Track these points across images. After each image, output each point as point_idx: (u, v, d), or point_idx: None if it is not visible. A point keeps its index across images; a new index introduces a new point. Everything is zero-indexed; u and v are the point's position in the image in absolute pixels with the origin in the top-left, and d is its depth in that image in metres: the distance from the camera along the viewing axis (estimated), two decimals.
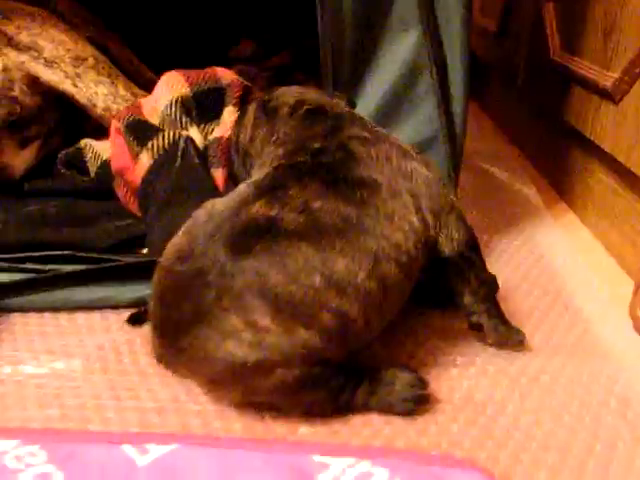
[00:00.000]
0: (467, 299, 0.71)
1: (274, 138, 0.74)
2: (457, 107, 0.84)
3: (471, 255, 0.71)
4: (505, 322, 0.73)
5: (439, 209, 0.69)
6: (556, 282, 0.87)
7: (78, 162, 1.05)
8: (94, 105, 1.03)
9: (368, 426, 0.64)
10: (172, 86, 0.92)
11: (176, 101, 0.91)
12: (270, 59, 1.65)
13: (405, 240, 0.64)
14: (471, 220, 0.72)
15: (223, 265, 0.59)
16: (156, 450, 0.60)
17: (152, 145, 0.88)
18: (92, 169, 1.02)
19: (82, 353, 0.74)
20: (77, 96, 1.02)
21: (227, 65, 1.66)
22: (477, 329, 0.74)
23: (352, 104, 0.80)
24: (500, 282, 0.74)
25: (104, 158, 1.01)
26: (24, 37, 1.02)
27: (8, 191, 1.04)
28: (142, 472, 0.58)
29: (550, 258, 0.91)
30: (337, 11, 0.78)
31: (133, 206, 0.95)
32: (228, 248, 0.60)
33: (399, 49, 0.80)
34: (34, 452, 0.60)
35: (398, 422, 0.64)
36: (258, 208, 0.62)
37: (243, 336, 0.58)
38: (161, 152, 0.87)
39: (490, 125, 1.57)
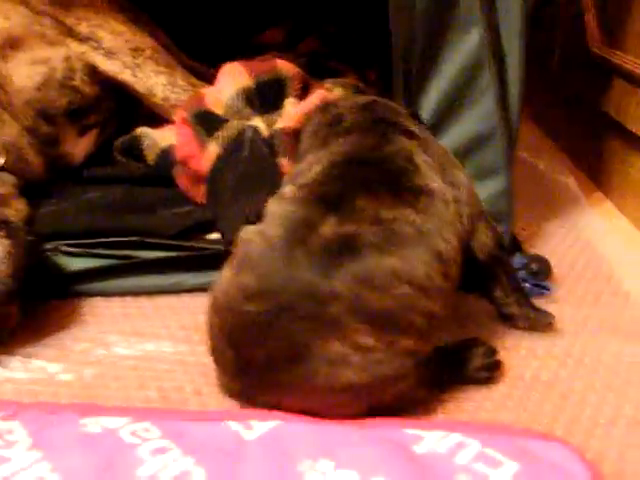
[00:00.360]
0: (498, 293, 0.77)
1: (332, 142, 0.75)
2: (513, 103, 0.88)
3: (499, 254, 0.76)
4: (534, 308, 0.79)
5: (474, 215, 0.74)
6: (603, 268, 0.92)
7: (134, 150, 1.09)
8: (153, 95, 1.06)
9: (450, 401, 0.69)
10: (235, 78, 0.96)
11: (240, 92, 0.95)
12: (296, 46, 1.68)
13: (458, 243, 0.69)
14: (516, 210, 0.78)
15: (313, 295, 0.59)
16: (260, 426, 0.64)
17: (219, 135, 0.92)
18: (150, 157, 1.06)
19: (169, 335, 0.78)
20: (136, 86, 1.05)
21: (254, 52, 1.71)
22: (507, 319, 0.79)
23: (416, 116, 0.83)
24: None
25: (162, 146, 1.05)
26: (83, 28, 1.05)
27: (68, 178, 1.07)
28: (250, 445, 0.62)
29: (595, 245, 0.97)
30: (409, 10, 0.82)
31: (195, 193, 0.98)
32: (314, 277, 0.59)
33: (463, 47, 0.84)
34: (147, 428, 0.64)
35: (477, 398, 0.69)
36: (332, 228, 0.61)
37: (351, 360, 0.59)
38: (229, 142, 0.91)
39: (523, 115, 1.61)
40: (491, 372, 0.72)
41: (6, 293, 0.72)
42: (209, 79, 1.13)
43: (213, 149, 0.92)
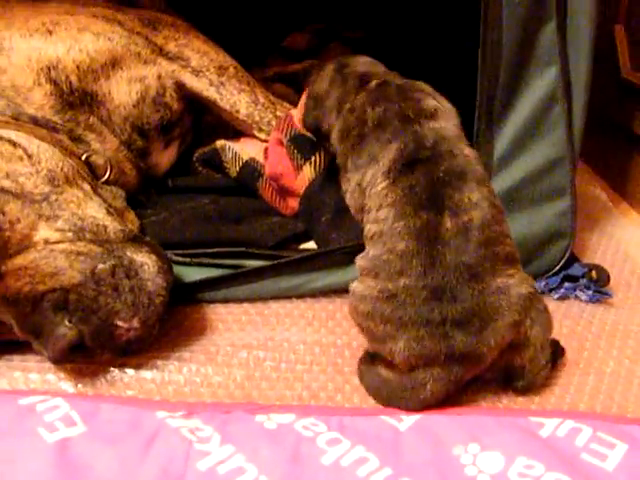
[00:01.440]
0: None
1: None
2: (577, 133, 1.01)
3: None
4: None
5: None
6: None
7: (214, 161, 1.16)
8: (237, 111, 1.14)
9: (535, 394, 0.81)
10: None
11: None
12: (322, 52, 1.75)
13: None
14: None
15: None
16: (408, 419, 0.76)
17: (315, 160, 1.01)
18: (233, 169, 1.14)
19: (299, 338, 0.88)
20: (220, 103, 1.13)
21: (282, 56, 1.79)
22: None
23: None
24: None
25: (245, 159, 1.13)
26: (172, 47, 1.12)
27: (153, 187, 1.14)
28: (406, 435, 0.74)
29: (635, 254, 1.11)
30: (497, 45, 0.93)
31: (282, 206, 1.08)
32: (469, 259, 0.73)
33: (542, 81, 0.95)
34: (314, 423, 0.75)
35: (556, 388, 0.82)
36: (451, 221, 0.73)
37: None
38: (323, 167, 1.01)
39: None
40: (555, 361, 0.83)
41: (163, 304, 0.81)
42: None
43: (308, 172, 1.01)
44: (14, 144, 0.84)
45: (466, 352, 0.72)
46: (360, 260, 0.80)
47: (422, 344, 0.72)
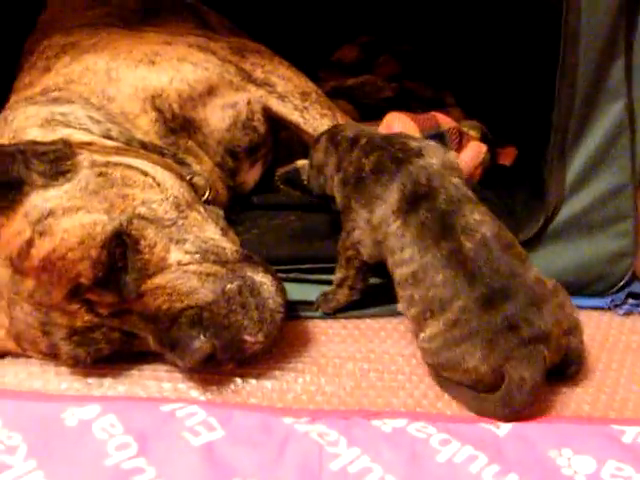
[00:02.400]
0: None
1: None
2: (638, 160, 1.10)
3: None
4: None
5: None
6: None
7: (296, 180, 1.25)
8: None
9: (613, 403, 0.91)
10: (408, 131, 1.13)
11: None
12: (375, 67, 1.83)
13: None
14: None
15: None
16: (505, 426, 0.85)
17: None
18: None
19: (396, 351, 0.97)
20: (304, 126, 1.22)
21: (333, 70, 1.86)
22: None
23: None
24: None
25: None
26: (259, 74, 1.21)
27: (239, 204, 1.23)
28: (505, 439, 0.83)
29: None
30: (573, 78, 1.01)
31: None
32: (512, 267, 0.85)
33: (611, 112, 1.04)
34: (424, 426, 0.84)
35: (632, 396, 0.91)
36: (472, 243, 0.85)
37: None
38: None
39: None
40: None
41: (282, 320, 0.90)
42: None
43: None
44: (144, 173, 0.92)
45: (534, 335, 0.82)
46: (410, 310, 0.89)
47: (497, 343, 0.82)
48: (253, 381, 0.91)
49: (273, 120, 1.24)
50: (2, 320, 0.89)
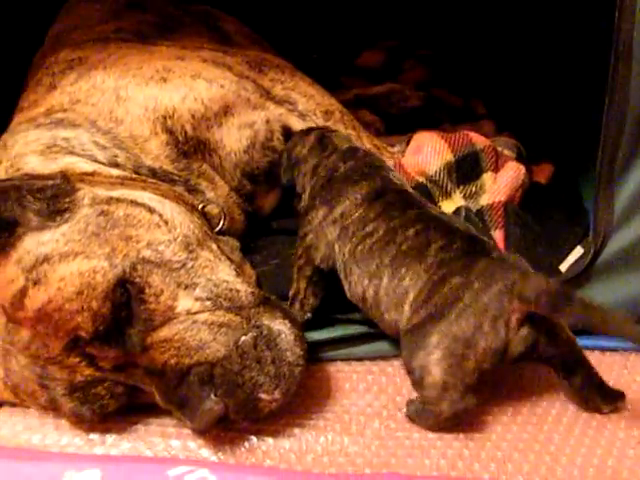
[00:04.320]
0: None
1: None
2: None
3: None
4: None
5: None
6: None
7: None
8: None
9: None
10: (440, 153, 1.04)
11: (444, 167, 1.04)
12: (400, 72, 1.73)
13: None
14: None
15: None
16: None
17: None
18: None
19: None
20: None
21: (356, 75, 1.76)
22: None
23: None
24: None
25: None
26: (279, 90, 1.12)
27: (258, 229, 1.15)
28: None
29: None
30: (623, 103, 0.91)
31: None
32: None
33: None
34: None
35: None
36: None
37: None
38: None
39: None
40: None
41: (301, 373, 0.81)
42: None
43: None
44: (150, 210, 0.84)
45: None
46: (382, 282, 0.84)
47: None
48: (269, 440, 0.83)
49: None
50: None
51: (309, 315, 0.94)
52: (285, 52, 1.56)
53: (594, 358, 0.95)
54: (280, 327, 0.82)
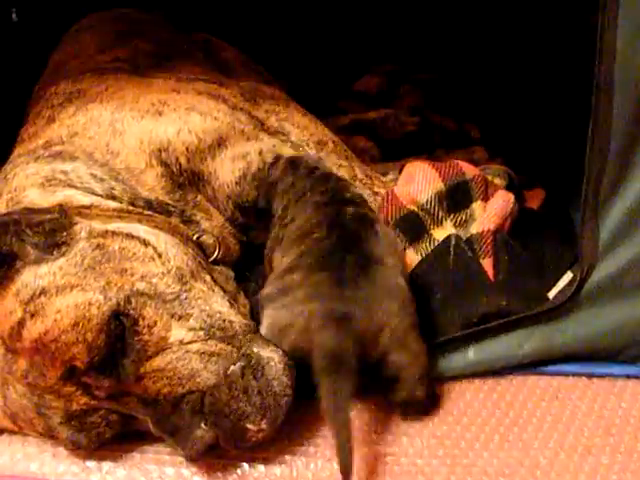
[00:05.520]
0: None
1: None
2: None
3: None
4: None
5: None
6: None
7: None
8: None
9: None
10: (430, 181, 1.06)
11: (435, 196, 1.06)
12: (395, 97, 1.76)
13: None
14: None
15: None
16: None
17: (420, 248, 1.03)
18: None
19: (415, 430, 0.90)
20: None
21: (353, 100, 1.79)
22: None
23: None
24: None
25: None
26: (273, 121, 1.15)
27: (253, 257, 1.17)
28: None
29: None
30: (607, 128, 0.92)
31: None
32: None
33: None
34: None
35: None
36: None
37: None
38: (428, 251, 1.03)
39: None
40: None
41: (288, 403, 0.82)
42: None
43: (412, 255, 1.03)
44: (145, 243, 0.87)
45: None
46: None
47: None
48: (261, 467, 0.84)
49: None
50: None
51: None
52: (283, 76, 1.61)
53: (581, 384, 0.98)
54: (271, 354, 0.84)
